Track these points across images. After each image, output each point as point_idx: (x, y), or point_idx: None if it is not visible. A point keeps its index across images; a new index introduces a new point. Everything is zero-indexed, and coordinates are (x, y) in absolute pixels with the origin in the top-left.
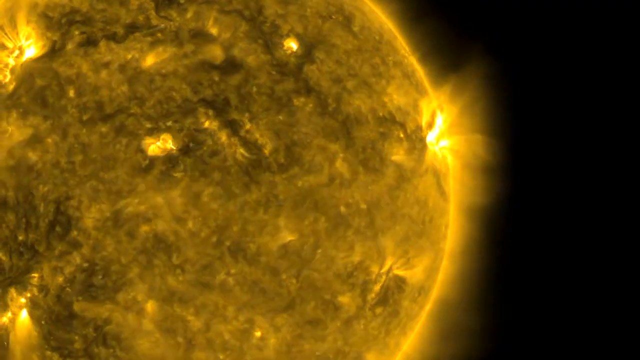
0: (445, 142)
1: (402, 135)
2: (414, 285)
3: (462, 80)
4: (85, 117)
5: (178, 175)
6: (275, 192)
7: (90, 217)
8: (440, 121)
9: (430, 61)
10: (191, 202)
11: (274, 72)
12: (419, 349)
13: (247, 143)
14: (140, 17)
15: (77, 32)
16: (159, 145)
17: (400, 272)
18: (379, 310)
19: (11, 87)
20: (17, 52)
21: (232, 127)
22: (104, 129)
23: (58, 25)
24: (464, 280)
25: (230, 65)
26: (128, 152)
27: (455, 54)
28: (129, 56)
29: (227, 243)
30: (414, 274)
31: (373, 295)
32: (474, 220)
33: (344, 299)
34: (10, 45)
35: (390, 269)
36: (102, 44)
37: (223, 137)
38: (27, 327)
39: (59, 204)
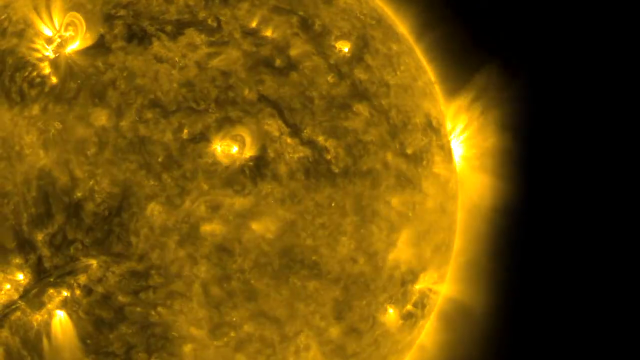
0: (460, 149)
1: (439, 143)
2: (437, 297)
3: (477, 87)
4: (144, 115)
5: (242, 177)
6: (335, 197)
7: (150, 217)
8: (458, 128)
9: (444, 68)
10: (255, 205)
11: (330, 76)
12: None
13: (310, 145)
14: (190, 14)
15: (122, 24)
16: (223, 146)
17: (430, 285)
18: (408, 321)
19: (54, 79)
20: (57, 41)
21: (295, 129)
22: (165, 127)
23: (100, 16)
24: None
25: (288, 67)
26: (190, 152)
27: (467, 62)
28: (187, 53)
29: (289, 249)
30: (441, 286)
31: (408, 307)
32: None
33: (385, 310)
34: (48, 34)
35: (425, 280)
36: (155, 40)
37: (287, 138)
38: (63, 327)
39: (115, 202)
